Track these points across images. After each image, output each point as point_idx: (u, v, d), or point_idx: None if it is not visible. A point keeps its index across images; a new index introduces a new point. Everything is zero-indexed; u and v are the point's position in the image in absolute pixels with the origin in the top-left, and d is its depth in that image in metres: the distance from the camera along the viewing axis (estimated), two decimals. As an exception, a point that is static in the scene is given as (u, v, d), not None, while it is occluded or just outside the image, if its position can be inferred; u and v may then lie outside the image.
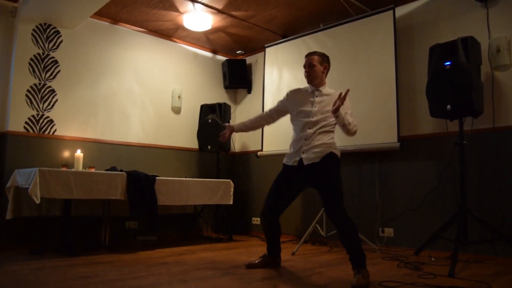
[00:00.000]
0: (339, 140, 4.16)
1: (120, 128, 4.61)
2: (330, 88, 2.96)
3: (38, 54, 4.08)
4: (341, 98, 2.56)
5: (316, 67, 2.86)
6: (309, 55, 2.93)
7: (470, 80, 3.03)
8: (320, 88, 2.89)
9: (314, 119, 2.78)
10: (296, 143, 2.83)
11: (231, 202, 4.54)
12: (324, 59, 2.90)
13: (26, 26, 4.03)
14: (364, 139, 4.02)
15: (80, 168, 3.80)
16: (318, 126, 2.77)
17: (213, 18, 4.56)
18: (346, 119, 2.63)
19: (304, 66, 2.91)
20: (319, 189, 2.71)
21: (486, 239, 3.21)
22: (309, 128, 2.78)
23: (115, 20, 4.66)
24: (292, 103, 2.95)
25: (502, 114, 3.45)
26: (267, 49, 5.08)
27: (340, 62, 4.34)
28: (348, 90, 2.59)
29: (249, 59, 5.69)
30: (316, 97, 2.86)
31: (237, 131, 3.13)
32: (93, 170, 3.71)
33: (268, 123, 3.17)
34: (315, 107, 2.81)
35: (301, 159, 2.75)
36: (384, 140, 3.90)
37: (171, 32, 5.02)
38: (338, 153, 2.79)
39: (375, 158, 4.17)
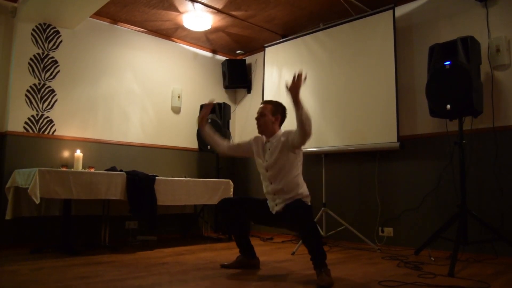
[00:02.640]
0: (338, 140, 4.20)
1: (120, 128, 4.61)
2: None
3: (38, 54, 4.08)
4: (297, 79, 2.40)
5: (266, 117, 2.79)
6: (263, 103, 2.88)
7: (470, 80, 3.03)
8: (271, 139, 2.82)
9: (270, 173, 2.78)
10: (268, 196, 2.85)
11: (231, 202, 4.53)
12: (278, 110, 2.83)
13: (26, 26, 4.03)
14: (364, 139, 4.03)
15: (80, 168, 3.79)
16: (277, 179, 2.74)
17: (213, 18, 4.56)
18: (304, 113, 2.47)
19: (257, 113, 2.86)
20: (290, 222, 2.70)
21: (485, 239, 3.21)
22: (271, 183, 2.78)
23: (114, 20, 4.65)
24: (254, 151, 2.94)
25: (501, 114, 3.46)
26: (267, 49, 5.08)
27: (340, 61, 4.34)
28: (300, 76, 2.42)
29: (249, 59, 5.69)
30: (268, 149, 2.81)
31: (202, 127, 3.04)
32: (92, 170, 3.70)
33: (223, 148, 3.04)
34: (266, 161, 2.80)
35: (277, 211, 2.77)
36: (383, 140, 3.90)
37: (170, 32, 5.02)
38: (307, 199, 2.75)
39: (375, 158, 4.17)
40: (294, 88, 2.44)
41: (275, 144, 2.78)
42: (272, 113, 2.81)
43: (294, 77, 2.44)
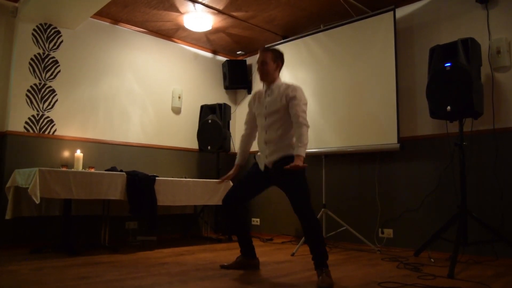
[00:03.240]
0: (338, 141, 4.21)
1: (120, 128, 4.62)
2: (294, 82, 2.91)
3: (39, 54, 4.08)
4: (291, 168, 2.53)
5: (268, 65, 2.83)
6: (262, 51, 2.90)
7: (470, 81, 3.03)
8: (272, 87, 2.85)
9: (267, 121, 2.79)
10: (260, 146, 2.87)
11: (231, 203, 4.54)
12: (278, 57, 2.87)
13: (27, 26, 4.03)
14: (364, 140, 4.03)
15: (80, 168, 3.80)
16: (272, 129, 2.76)
17: (214, 19, 4.56)
18: (300, 150, 2.59)
19: (257, 62, 2.90)
20: (284, 191, 2.72)
21: (486, 240, 3.20)
22: (266, 132, 2.79)
23: (115, 20, 4.66)
24: (254, 106, 2.96)
25: (502, 116, 3.46)
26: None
27: (340, 63, 4.34)
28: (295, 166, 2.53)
29: (249, 60, 5.69)
30: (268, 96, 2.84)
31: (243, 162, 3.10)
32: (93, 170, 3.71)
33: (254, 136, 3.09)
34: (266, 108, 2.82)
35: (265, 164, 2.78)
36: (384, 141, 3.90)
37: (171, 33, 5.03)
38: None
39: (375, 159, 4.17)
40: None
41: (276, 92, 2.80)
42: (273, 60, 2.84)
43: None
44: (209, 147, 4.88)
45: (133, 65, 4.79)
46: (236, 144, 5.62)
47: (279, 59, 2.88)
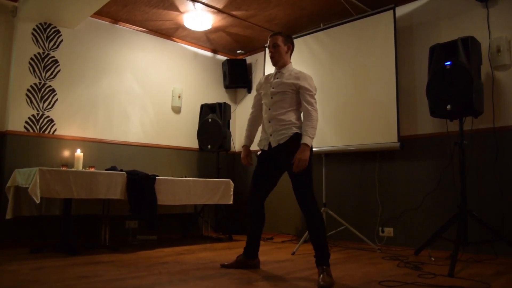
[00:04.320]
0: (338, 140, 4.20)
1: (120, 127, 4.61)
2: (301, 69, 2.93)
3: (38, 53, 4.08)
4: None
5: (280, 47, 2.84)
6: (273, 35, 2.91)
7: (471, 80, 3.03)
8: (283, 70, 2.85)
9: (273, 99, 2.79)
10: (264, 126, 2.89)
11: (231, 202, 4.54)
12: (288, 40, 2.90)
13: (26, 25, 4.03)
14: (364, 139, 4.03)
15: (80, 168, 3.80)
16: (277, 106, 2.77)
17: (213, 18, 4.56)
18: (307, 139, 2.61)
19: (268, 47, 2.91)
20: (289, 173, 2.72)
21: (486, 239, 3.20)
22: (269, 109, 2.80)
23: (115, 20, 4.65)
24: (261, 87, 2.98)
25: (502, 114, 3.45)
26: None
27: (340, 61, 4.34)
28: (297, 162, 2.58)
29: (249, 59, 5.69)
30: (278, 78, 2.85)
31: (250, 145, 3.06)
32: (93, 169, 3.70)
33: (260, 118, 3.03)
34: (273, 88, 2.82)
35: (269, 143, 2.79)
36: (384, 140, 3.90)
37: (171, 32, 5.02)
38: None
39: (375, 158, 4.17)
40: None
41: (286, 75, 2.81)
42: (283, 42, 2.86)
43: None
44: (209, 146, 4.88)
45: (133, 64, 4.79)
46: (236, 143, 5.63)
47: (289, 41, 2.91)
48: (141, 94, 4.83)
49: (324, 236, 2.61)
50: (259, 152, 2.93)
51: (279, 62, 2.86)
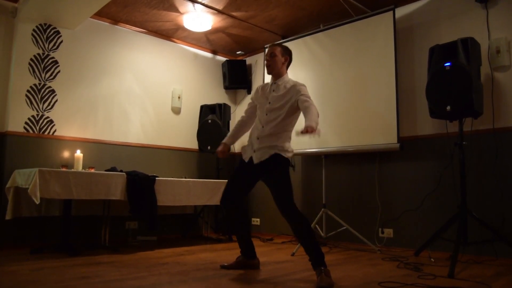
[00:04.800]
0: (338, 141, 4.20)
1: (120, 128, 4.61)
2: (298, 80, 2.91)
3: (38, 54, 4.08)
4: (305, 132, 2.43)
5: (277, 57, 2.85)
6: (272, 45, 2.94)
7: (470, 81, 3.03)
8: (278, 81, 2.85)
9: (267, 116, 2.79)
10: (251, 137, 2.88)
11: (231, 203, 4.54)
12: (286, 52, 2.91)
13: (26, 26, 4.03)
14: (364, 140, 4.03)
15: (80, 169, 3.80)
16: (269, 126, 2.76)
17: (213, 19, 4.56)
18: (311, 122, 2.45)
19: (266, 55, 2.93)
20: (268, 185, 2.75)
21: (486, 240, 3.21)
22: (263, 126, 2.79)
23: (115, 21, 4.66)
24: (257, 98, 2.97)
25: (501, 115, 3.46)
26: (267, 50, 5.07)
27: (340, 62, 4.34)
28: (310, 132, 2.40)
29: (249, 60, 5.69)
30: (273, 91, 2.84)
31: (230, 144, 3.14)
32: (93, 170, 3.71)
33: (249, 125, 3.07)
34: (269, 103, 2.82)
35: (251, 157, 2.80)
36: (384, 141, 3.90)
37: (171, 33, 5.02)
38: (288, 154, 2.75)
39: (375, 158, 4.17)
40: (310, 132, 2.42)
41: (282, 88, 2.80)
42: (281, 53, 2.87)
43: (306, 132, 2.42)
44: (209, 147, 4.88)
45: (133, 65, 4.79)
46: (236, 144, 5.63)
47: (287, 54, 2.91)
48: (141, 95, 4.83)
49: (311, 239, 2.59)
50: (244, 146, 2.94)
51: (274, 70, 2.86)
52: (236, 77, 5.53)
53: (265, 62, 2.92)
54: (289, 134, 2.81)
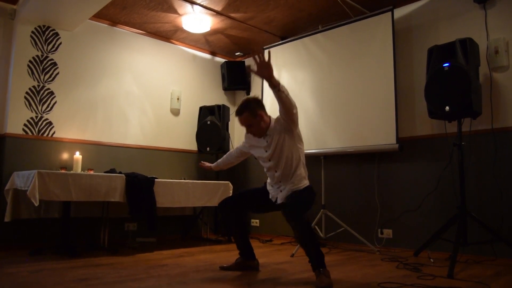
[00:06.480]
0: (337, 142, 4.21)
1: (119, 130, 4.61)
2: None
3: (37, 56, 4.08)
4: (260, 62, 2.37)
5: (254, 123, 2.71)
6: (239, 116, 2.73)
7: (469, 81, 3.04)
8: (268, 133, 2.76)
9: (273, 162, 2.76)
10: (270, 184, 2.87)
11: (230, 204, 4.54)
12: (255, 107, 2.70)
13: (25, 28, 4.03)
14: (363, 141, 4.03)
15: (79, 170, 3.79)
16: (281, 168, 2.74)
17: (212, 20, 4.57)
18: (283, 92, 2.43)
19: (242, 125, 2.79)
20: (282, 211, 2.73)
21: (485, 240, 3.21)
22: (276, 171, 2.78)
23: (114, 22, 4.66)
24: (250, 148, 2.95)
25: (500, 115, 3.46)
26: (265, 51, 5.09)
27: (339, 63, 4.35)
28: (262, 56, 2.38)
29: (248, 61, 5.69)
30: (267, 142, 2.78)
31: (215, 168, 3.30)
32: (92, 172, 3.70)
33: (239, 161, 3.21)
34: (266, 151, 2.79)
35: (277, 197, 2.80)
36: (383, 142, 3.90)
37: (170, 34, 5.03)
38: (304, 182, 2.76)
39: (374, 159, 4.17)
40: (263, 70, 2.39)
41: (272, 135, 2.76)
42: (253, 116, 2.70)
43: (256, 61, 2.39)
44: (208, 149, 4.88)
45: (131, 66, 4.79)
46: (235, 145, 5.63)
47: (256, 108, 2.71)
48: (140, 96, 4.83)
49: (311, 241, 2.56)
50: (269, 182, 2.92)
51: (263, 130, 2.76)
52: (235, 78, 5.53)
53: (249, 133, 2.80)
54: (302, 167, 2.78)
